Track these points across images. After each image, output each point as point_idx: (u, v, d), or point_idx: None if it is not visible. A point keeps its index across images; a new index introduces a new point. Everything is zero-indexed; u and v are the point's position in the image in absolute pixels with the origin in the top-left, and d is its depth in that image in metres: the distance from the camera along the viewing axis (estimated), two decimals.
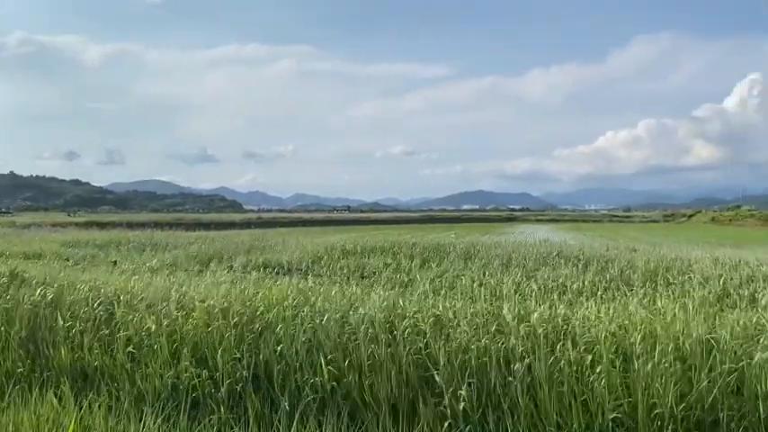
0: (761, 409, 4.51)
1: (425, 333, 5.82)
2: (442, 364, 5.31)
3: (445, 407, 5.01)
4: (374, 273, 13.21)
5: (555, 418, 4.79)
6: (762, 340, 5.04)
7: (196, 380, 5.85)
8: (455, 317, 6.16)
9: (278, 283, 8.73)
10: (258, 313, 6.72)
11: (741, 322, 5.57)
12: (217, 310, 6.78)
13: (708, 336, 5.18)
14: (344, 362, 5.65)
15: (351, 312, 6.37)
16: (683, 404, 4.58)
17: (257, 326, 6.44)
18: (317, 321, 6.22)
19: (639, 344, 5.14)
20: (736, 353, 4.96)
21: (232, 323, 6.45)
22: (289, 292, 7.44)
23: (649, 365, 4.81)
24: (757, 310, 6.35)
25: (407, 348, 5.58)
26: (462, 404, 4.89)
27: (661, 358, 4.89)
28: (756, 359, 4.74)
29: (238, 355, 6.01)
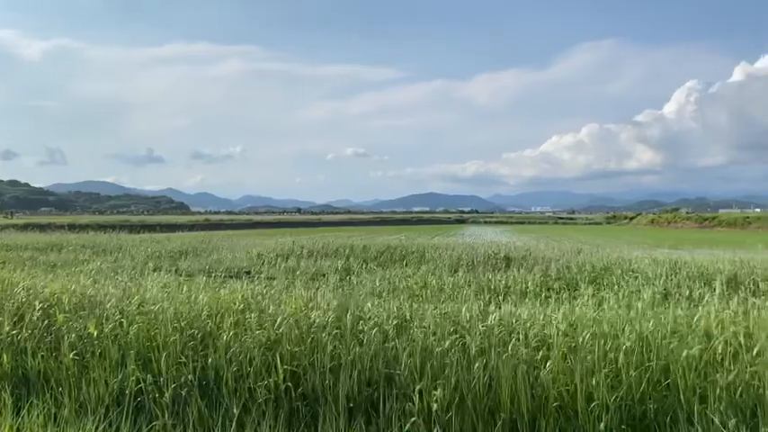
0: (682, 402, 4.77)
1: (387, 333, 5.89)
2: (404, 363, 5.37)
3: (410, 405, 5.06)
4: (325, 275, 13.17)
5: (509, 407, 4.94)
6: (689, 338, 5.33)
7: (141, 385, 5.72)
8: (412, 318, 6.25)
9: (225, 286, 8.61)
10: (205, 317, 6.62)
11: (673, 321, 5.85)
12: (161, 314, 6.64)
13: (645, 333, 5.42)
14: (306, 361, 5.65)
15: (306, 314, 6.36)
16: (616, 395, 4.80)
17: (203, 330, 6.34)
18: (269, 324, 6.18)
19: (587, 341, 5.34)
20: (665, 349, 5.22)
21: (177, 327, 6.33)
22: (237, 295, 7.35)
23: (589, 360, 5.01)
24: (690, 309, 6.66)
25: (371, 348, 5.62)
26: (430, 403, 4.94)
27: (601, 354, 5.10)
28: (684, 356, 5.00)
29: (183, 360, 5.90)
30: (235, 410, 5.28)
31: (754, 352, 5.14)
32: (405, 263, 15.70)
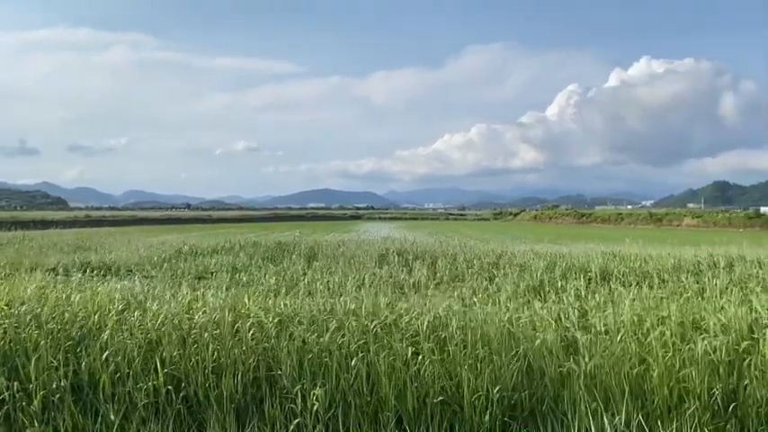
0: (549, 389, 5.11)
1: (270, 332, 5.84)
2: (287, 363, 5.35)
3: (294, 405, 5.04)
4: (213, 273, 12.82)
5: (392, 404, 5.05)
6: (552, 326, 5.75)
7: (5, 393, 5.32)
8: (296, 315, 6.25)
9: (103, 285, 8.19)
10: (81, 318, 6.28)
11: (541, 310, 6.27)
12: (30, 315, 6.21)
13: (510, 324, 5.77)
14: (188, 363, 5.48)
15: (190, 314, 6.18)
16: (498, 387, 5.02)
17: (77, 332, 6.01)
18: (151, 325, 5.96)
19: (456, 333, 5.58)
20: (530, 338, 5.59)
21: (50, 329, 5.95)
22: (116, 295, 7.03)
23: (463, 352, 5.25)
24: (561, 300, 7.17)
25: (254, 348, 5.55)
26: (311, 402, 4.94)
27: (474, 346, 5.35)
28: (549, 343, 5.39)
29: (55, 364, 5.56)
30: (113, 417, 5.05)
31: (618, 338, 5.63)
32: (297, 259, 15.60)
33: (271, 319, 6.12)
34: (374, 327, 5.71)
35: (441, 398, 5.00)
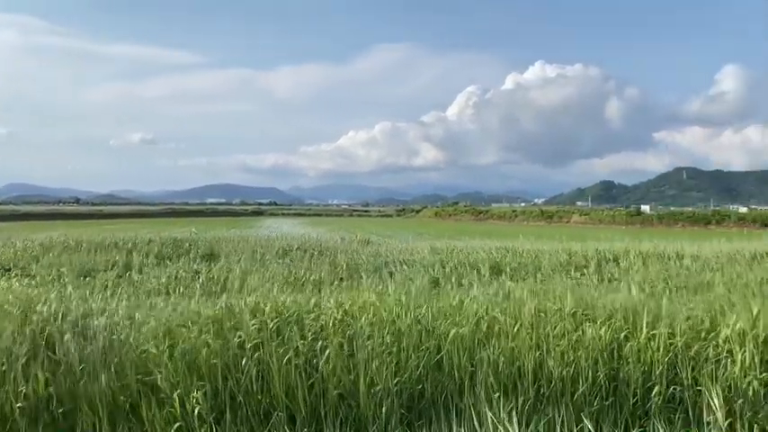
0: (455, 379, 5.25)
1: (156, 334, 5.57)
2: (169, 365, 5.13)
3: (173, 409, 4.83)
4: (100, 271, 12.10)
5: (284, 402, 4.98)
6: (458, 319, 5.91)
7: None
8: (188, 315, 6.02)
9: None
10: None
11: (445, 304, 6.42)
12: None
13: (419, 317, 5.87)
14: (63, 367, 5.13)
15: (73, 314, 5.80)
16: (397, 379, 5.09)
17: None
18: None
19: (365, 328, 5.60)
20: (436, 331, 5.72)
21: None
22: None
23: (370, 346, 5.28)
24: (460, 293, 7.37)
25: (134, 350, 5.28)
26: (192, 405, 4.76)
27: (381, 340, 5.40)
28: (452, 335, 5.53)
29: None
30: None
31: (515, 330, 5.86)
32: (194, 257, 15.08)
33: (162, 321, 5.84)
34: (272, 324, 5.61)
35: (337, 392, 5.00)
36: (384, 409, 4.85)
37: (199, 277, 11.03)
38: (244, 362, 5.14)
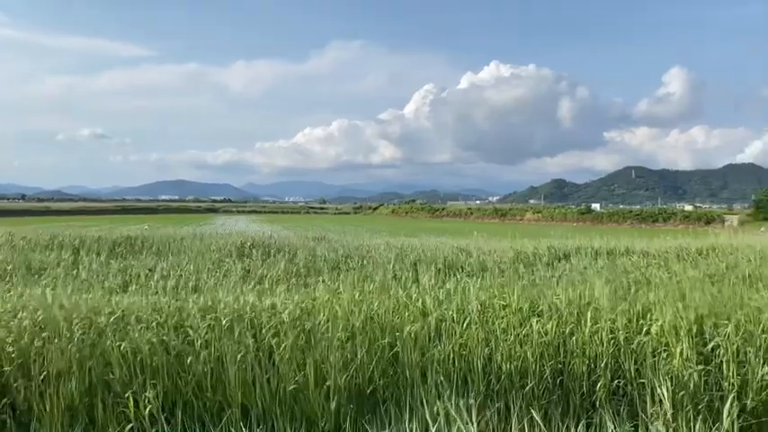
0: (407, 375, 5.33)
1: (107, 334, 5.46)
2: (123, 366, 5.05)
3: (126, 410, 4.77)
4: (46, 269, 11.70)
5: (240, 399, 4.97)
6: (408, 315, 5.99)
7: None
8: (135, 313, 5.92)
9: None
10: None
11: (398, 301, 6.49)
12: None
13: (372, 314, 5.93)
14: (14, 368, 4.99)
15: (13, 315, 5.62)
16: (346, 375, 5.14)
17: None
18: None
19: (323, 324, 5.63)
20: (388, 328, 5.79)
21: None
22: None
23: (322, 343, 5.31)
24: (412, 290, 7.45)
25: (89, 351, 5.18)
26: (145, 405, 4.70)
27: (334, 335, 5.44)
28: (407, 331, 5.60)
29: None
30: None
31: (464, 325, 5.97)
32: (146, 254, 14.75)
33: (110, 320, 5.72)
34: (226, 322, 5.58)
35: (292, 387, 5.02)
36: (334, 405, 4.90)
37: (153, 275, 10.82)
38: (194, 360, 5.12)
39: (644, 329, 5.80)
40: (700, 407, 4.97)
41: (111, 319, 5.70)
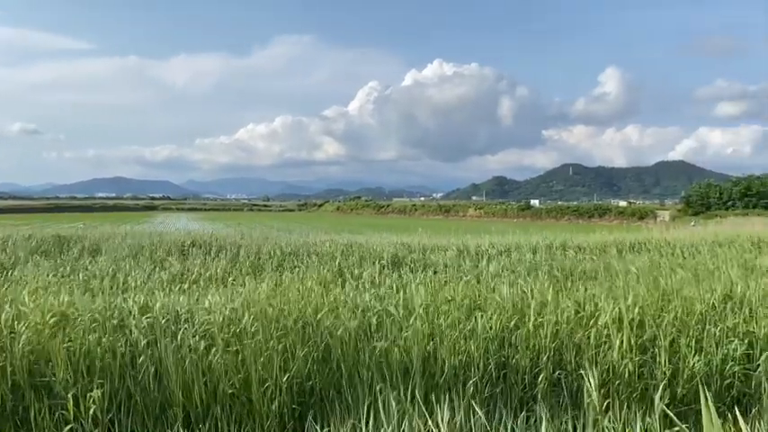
0: (344, 372, 5.29)
1: (43, 334, 5.23)
2: (62, 367, 4.83)
3: (65, 411, 4.57)
4: None
5: (181, 399, 4.85)
6: (346, 312, 5.97)
7: None
8: (77, 314, 5.69)
9: None
10: None
11: (336, 298, 6.46)
12: None
13: (311, 313, 5.87)
14: None
15: None
16: (287, 375, 5.08)
17: None
18: None
19: (252, 325, 5.53)
20: (322, 325, 5.76)
21: None
22: None
23: (254, 344, 5.23)
24: (357, 287, 7.43)
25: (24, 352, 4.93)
26: (87, 405, 4.51)
27: (268, 336, 5.36)
28: (340, 331, 5.57)
29: None
30: None
31: (410, 321, 5.98)
32: (81, 253, 14.18)
33: (47, 320, 5.47)
34: (165, 322, 5.42)
35: (231, 391, 4.95)
36: (275, 405, 4.86)
37: (83, 275, 10.40)
38: (135, 360, 4.99)
39: (584, 322, 5.97)
40: (634, 395, 5.16)
41: (51, 320, 5.45)
